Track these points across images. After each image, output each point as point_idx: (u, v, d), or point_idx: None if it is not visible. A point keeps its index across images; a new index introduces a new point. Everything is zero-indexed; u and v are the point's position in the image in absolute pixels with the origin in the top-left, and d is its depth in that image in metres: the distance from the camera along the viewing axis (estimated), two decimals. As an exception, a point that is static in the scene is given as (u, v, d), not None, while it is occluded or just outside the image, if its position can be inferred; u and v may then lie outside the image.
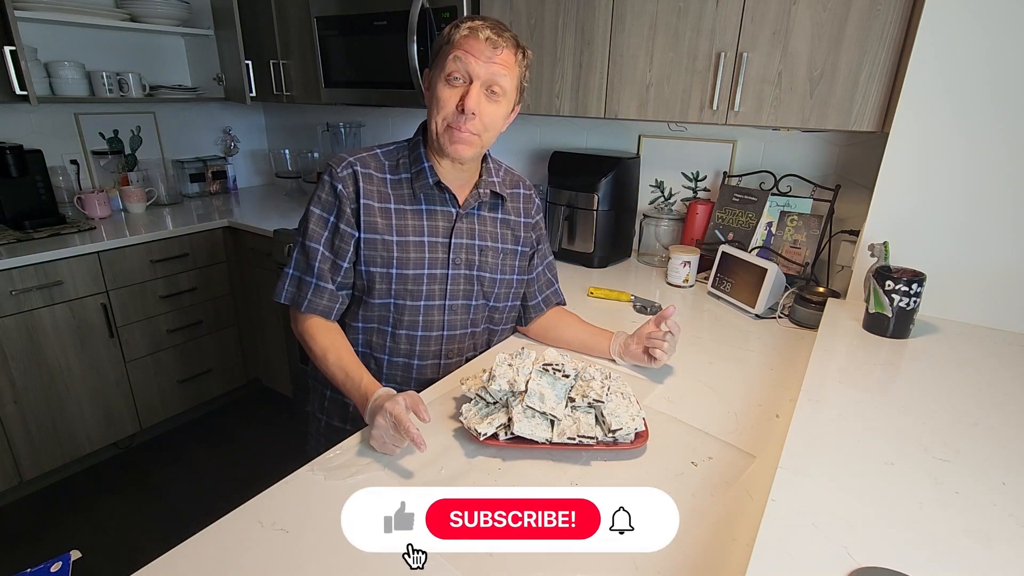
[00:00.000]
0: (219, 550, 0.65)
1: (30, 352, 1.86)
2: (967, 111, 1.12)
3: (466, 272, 1.05)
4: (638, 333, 1.07)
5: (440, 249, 1.02)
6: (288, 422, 2.47)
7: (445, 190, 1.01)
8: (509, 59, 0.93)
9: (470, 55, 0.90)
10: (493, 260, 1.08)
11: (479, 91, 0.92)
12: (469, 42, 0.90)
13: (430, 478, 0.77)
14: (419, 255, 1.00)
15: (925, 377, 0.99)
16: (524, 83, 0.99)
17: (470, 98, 0.91)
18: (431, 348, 1.05)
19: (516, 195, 1.13)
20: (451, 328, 1.06)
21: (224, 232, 2.32)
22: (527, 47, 0.98)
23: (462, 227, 1.04)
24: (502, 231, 1.09)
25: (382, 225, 0.98)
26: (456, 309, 1.06)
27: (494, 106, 0.94)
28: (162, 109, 2.59)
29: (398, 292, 1.00)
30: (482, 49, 0.90)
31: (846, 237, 1.50)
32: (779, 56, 1.29)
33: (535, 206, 1.16)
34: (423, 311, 1.03)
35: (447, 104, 0.92)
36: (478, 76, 0.91)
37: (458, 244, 1.03)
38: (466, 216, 1.04)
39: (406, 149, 1.03)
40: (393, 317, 1.02)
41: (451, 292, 1.04)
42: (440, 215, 1.02)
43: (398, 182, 1.01)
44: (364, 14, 1.91)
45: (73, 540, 1.84)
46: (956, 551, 0.58)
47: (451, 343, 1.07)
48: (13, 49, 1.81)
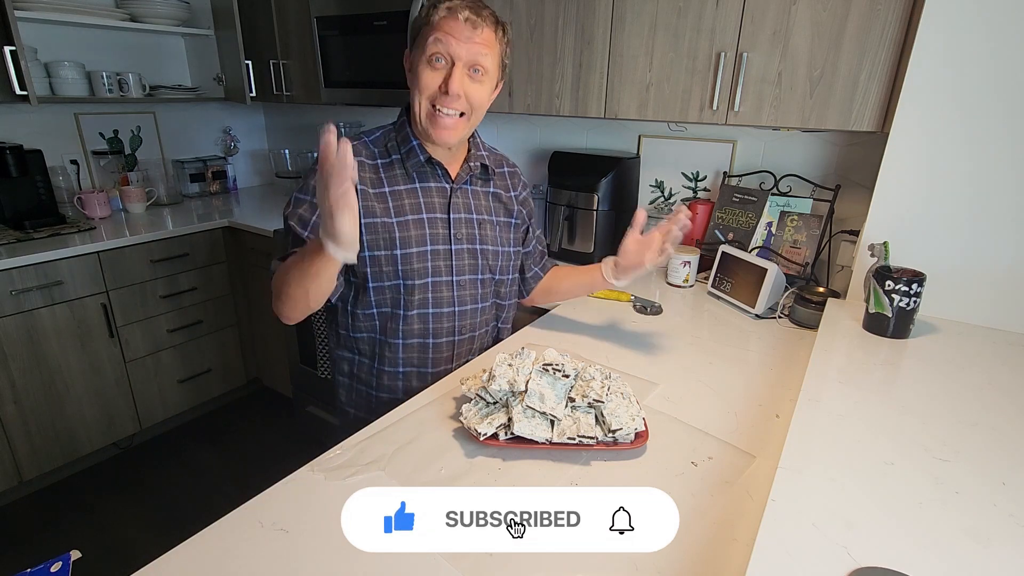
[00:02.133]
0: (219, 550, 0.65)
1: (30, 352, 1.86)
2: (967, 111, 1.12)
3: (469, 247, 1.06)
4: (623, 249, 1.13)
5: (440, 224, 1.03)
6: (288, 422, 2.47)
7: (437, 165, 1.02)
8: (490, 37, 0.93)
9: (450, 36, 0.90)
10: (492, 233, 1.09)
11: (462, 72, 0.92)
12: (449, 23, 0.90)
13: (430, 478, 0.77)
14: (420, 232, 1.01)
15: (925, 377, 0.98)
16: (505, 60, 1.00)
17: (453, 80, 0.91)
18: (444, 325, 1.06)
19: (502, 172, 1.15)
20: (461, 304, 1.07)
21: (224, 232, 2.32)
22: (506, 23, 0.98)
23: (458, 202, 1.05)
24: (495, 204, 1.11)
25: (379, 209, 0.99)
26: (464, 284, 1.06)
27: (477, 86, 0.95)
28: (162, 109, 2.59)
29: (405, 272, 1.01)
30: (462, 29, 0.90)
31: (846, 237, 1.51)
32: (779, 56, 1.29)
33: (521, 182, 1.19)
34: (431, 288, 1.03)
35: (430, 86, 0.93)
36: (460, 57, 0.91)
37: (457, 219, 1.04)
38: (460, 190, 1.06)
39: (392, 131, 1.04)
40: (404, 298, 1.03)
41: (457, 268, 1.05)
42: (435, 191, 1.03)
43: (389, 164, 1.02)
44: (364, 14, 1.91)
45: (73, 540, 1.84)
46: (956, 551, 0.58)
47: (463, 319, 1.08)
48: (13, 49, 1.81)
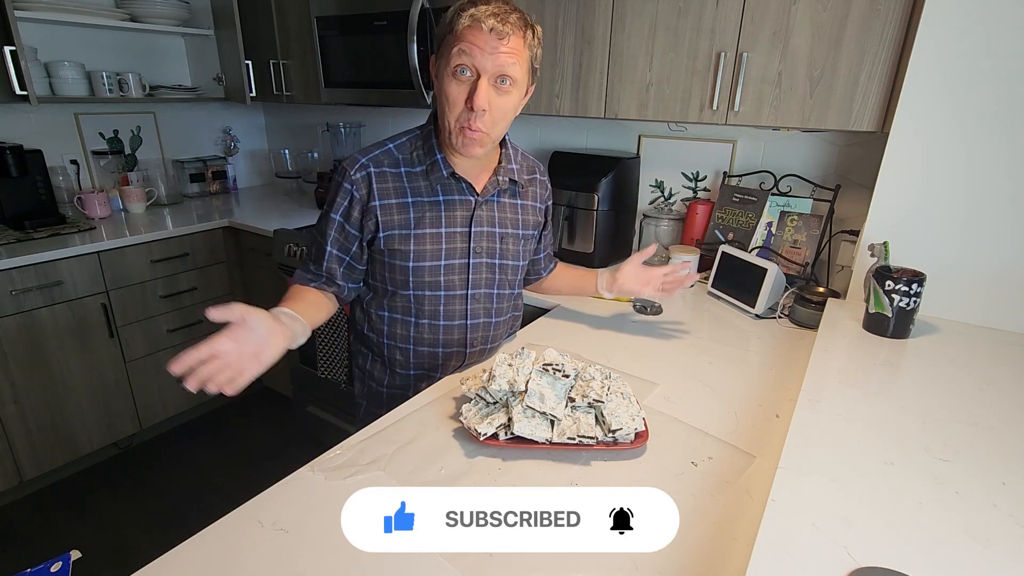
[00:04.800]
0: (219, 550, 0.65)
1: (30, 352, 1.86)
2: (967, 111, 1.12)
3: (487, 260, 1.04)
4: (623, 272, 1.22)
5: (459, 239, 1.01)
6: (288, 422, 2.47)
7: (461, 180, 0.99)
8: (518, 45, 0.87)
9: (475, 47, 0.85)
10: (514, 247, 1.07)
11: (487, 86, 0.87)
12: (473, 33, 0.85)
13: (430, 478, 0.77)
14: (435, 247, 1.00)
15: (925, 377, 0.98)
16: (535, 64, 0.93)
17: (478, 96, 0.86)
18: (454, 337, 1.06)
19: (533, 180, 1.12)
20: (474, 317, 1.06)
21: (224, 232, 2.32)
22: (536, 24, 0.92)
23: (482, 215, 1.03)
24: (522, 217, 1.09)
25: (399, 220, 0.98)
26: (479, 298, 1.05)
27: (504, 98, 0.90)
28: (162, 109, 2.59)
29: (416, 284, 1.01)
30: (487, 40, 0.84)
31: (846, 237, 1.50)
32: (779, 56, 1.29)
33: (548, 191, 1.17)
34: (444, 301, 1.03)
35: (457, 102, 0.89)
36: (485, 70, 0.86)
37: (478, 232, 1.02)
38: (485, 203, 1.03)
39: (419, 139, 1.01)
40: (415, 308, 1.03)
41: (473, 281, 1.04)
42: (458, 204, 1.01)
43: (414, 175, 0.99)
44: (364, 14, 1.91)
45: (73, 540, 1.84)
46: (956, 551, 0.58)
47: (475, 332, 1.07)
48: (13, 49, 1.81)
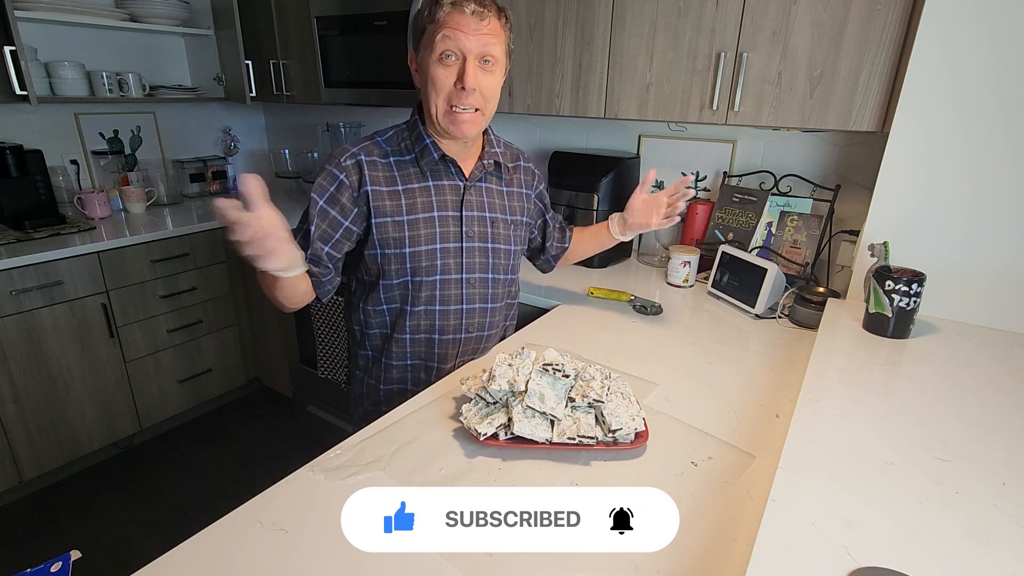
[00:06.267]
0: (219, 550, 0.65)
1: (30, 352, 1.86)
2: (967, 111, 1.12)
3: (480, 244, 1.06)
4: (630, 207, 1.22)
5: (451, 222, 1.03)
6: (288, 422, 2.47)
7: (451, 163, 1.02)
8: (496, 26, 0.93)
9: (458, 31, 0.90)
10: (504, 231, 1.09)
11: (475, 65, 0.92)
12: (455, 18, 0.90)
13: (430, 478, 0.77)
14: (429, 230, 1.01)
15: (925, 377, 0.98)
16: (511, 45, 1.00)
17: (468, 76, 0.91)
18: (450, 322, 1.07)
19: (518, 167, 1.15)
20: (470, 302, 1.07)
21: (224, 232, 2.31)
22: (506, 8, 0.98)
23: (471, 199, 1.05)
24: (509, 203, 1.11)
25: (391, 207, 1.00)
26: (474, 283, 1.07)
27: (490, 76, 0.95)
28: (162, 109, 2.59)
29: (413, 269, 1.02)
30: (469, 22, 0.90)
31: (846, 237, 1.50)
32: (779, 56, 1.29)
33: (536, 177, 1.19)
34: (439, 285, 1.04)
35: (445, 84, 0.93)
36: (470, 51, 0.91)
37: (469, 216, 1.04)
38: (473, 187, 1.05)
39: (406, 131, 1.04)
40: (411, 295, 1.04)
41: (467, 265, 1.05)
42: (448, 188, 1.03)
43: (402, 163, 1.02)
44: (364, 14, 1.91)
45: (73, 540, 1.84)
46: (956, 551, 0.58)
47: (471, 317, 1.08)
48: (13, 49, 1.81)
